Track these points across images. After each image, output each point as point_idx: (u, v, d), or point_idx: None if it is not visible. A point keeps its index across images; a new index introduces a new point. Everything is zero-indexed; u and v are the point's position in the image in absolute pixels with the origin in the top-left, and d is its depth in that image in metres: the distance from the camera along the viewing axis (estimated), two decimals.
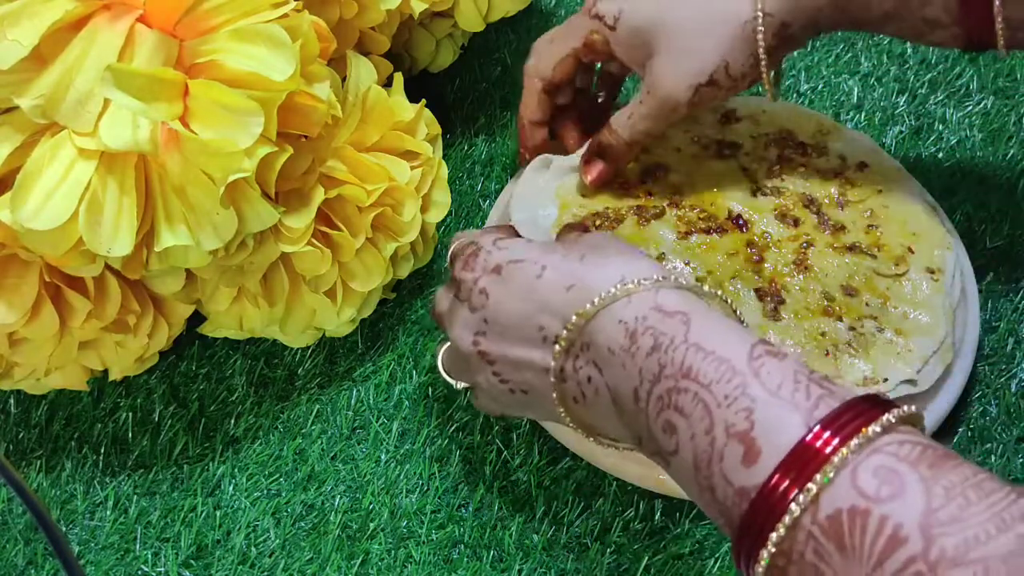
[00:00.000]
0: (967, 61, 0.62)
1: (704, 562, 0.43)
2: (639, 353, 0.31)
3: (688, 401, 0.29)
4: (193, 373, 0.50)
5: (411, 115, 0.46)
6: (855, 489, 0.25)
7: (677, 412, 0.29)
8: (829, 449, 0.26)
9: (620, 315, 0.32)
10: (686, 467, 0.29)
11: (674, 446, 0.29)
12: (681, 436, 0.29)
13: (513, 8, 0.56)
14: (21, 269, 0.40)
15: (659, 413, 0.30)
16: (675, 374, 0.30)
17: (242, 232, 0.38)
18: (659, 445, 0.30)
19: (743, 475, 0.27)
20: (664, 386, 0.30)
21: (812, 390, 0.28)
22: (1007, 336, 0.49)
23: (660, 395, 0.30)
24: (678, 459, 0.30)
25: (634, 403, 0.31)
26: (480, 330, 0.36)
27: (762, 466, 0.27)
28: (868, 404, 0.27)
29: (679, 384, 0.29)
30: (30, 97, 0.34)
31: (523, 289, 0.35)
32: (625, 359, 0.31)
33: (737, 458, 0.27)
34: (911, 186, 0.50)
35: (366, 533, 0.44)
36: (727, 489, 0.28)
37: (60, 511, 0.46)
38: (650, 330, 0.31)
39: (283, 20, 0.37)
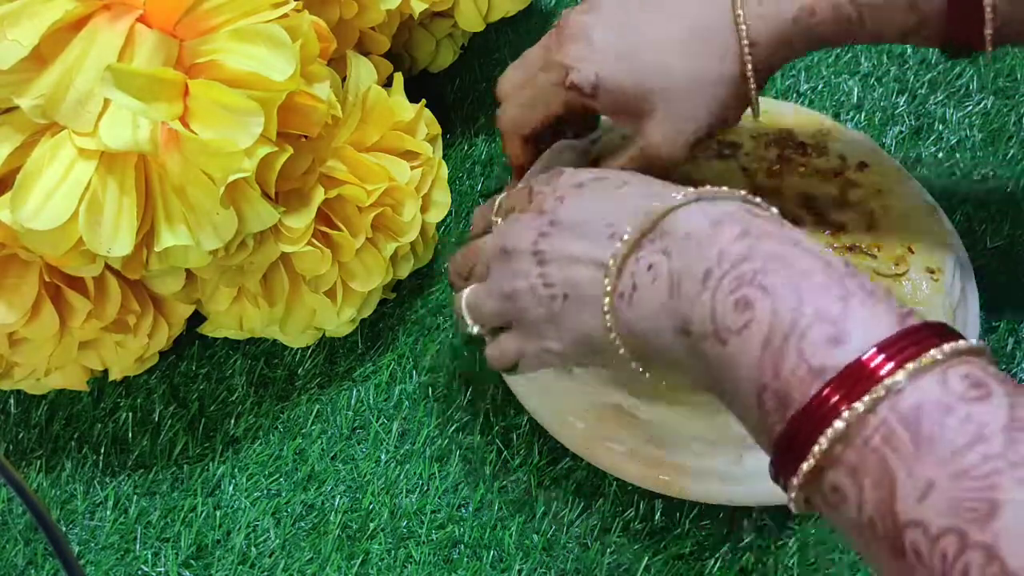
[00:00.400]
0: (967, 61, 0.62)
1: (704, 562, 0.43)
2: (723, 237, 0.29)
3: (777, 282, 0.27)
4: (193, 373, 0.50)
5: (411, 115, 0.46)
6: (942, 385, 0.24)
7: (760, 290, 0.27)
8: (921, 347, 0.25)
9: (706, 209, 0.31)
10: (750, 344, 0.27)
11: (744, 321, 0.27)
12: (758, 311, 0.27)
13: (513, 8, 0.56)
14: (21, 269, 0.40)
15: (735, 290, 0.28)
16: (765, 257, 0.28)
17: (242, 232, 0.38)
18: (721, 323, 0.28)
19: (825, 354, 0.25)
20: (749, 266, 0.28)
21: (904, 306, 0.27)
22: (1007, 336, 0.49)
23: (742, 273, 0.28)
24: (743, 336, 0.27)
25: (702, 283, 0.29)
26: (543, 231, 0.35)
27: (850, 349, 0.25)
28: (955, 331, 0.26)
29: (768, 266, 0.28)
30: (30, 97, 0.34)
31: (604, 195, 0.34)
32: (705, 242, 0.30)
33: (823, 337, 0.26)
34: (911, 186, 0.50)
35: (366, 533, 0.44)
36: (799, 367, 0.26)
37: (60, 511, 0.46)
38: (739, 221, 0.30)
39: (283, 20, 0.37)
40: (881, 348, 0.25)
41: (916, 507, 0.23)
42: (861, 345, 0.25)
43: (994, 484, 0.22)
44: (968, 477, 0.22)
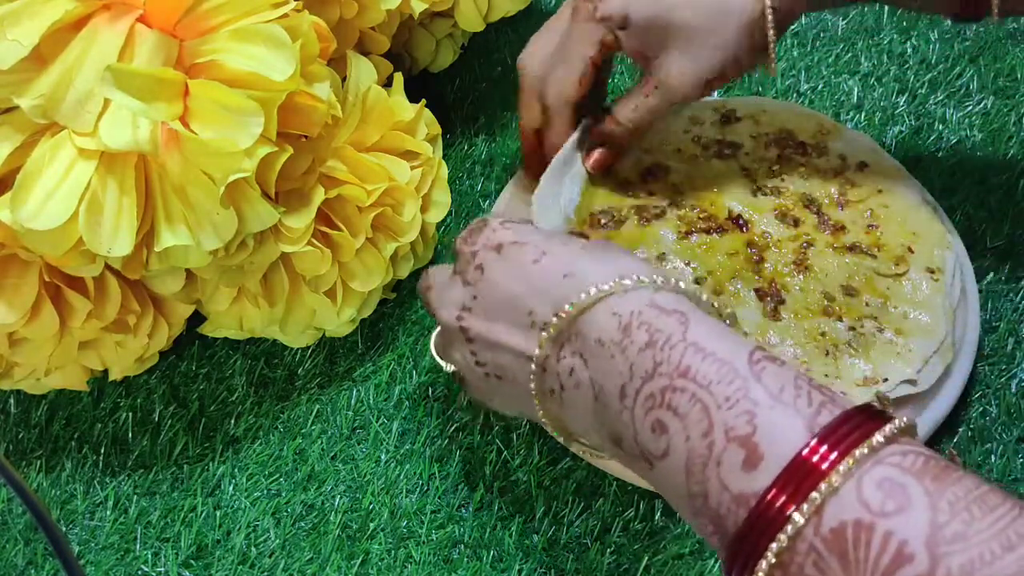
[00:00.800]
0: (967, 61, 0.62)
1: (704, 562, 0.43)
2: (631, 348, 0.30)
3: (684, 401, 0.28)
4: (193, 373, 0.50)
5: (411, 115, 0.46)
6: (860, 502, 0.24)
7: (671, 412, 0.28)
8: (833, 457, 0.25)
9: (615, 307, 0.31)
10: (675, 471, 0.28)
11: (663, 448, 0.28)
12: (673, 438, 0.28)
13: (513, 8, 0.56)
14: (21, 269, 0.40)
15: (648, 412, 0.29)
16: (671, 372, 0.28)
17: (242, 232, 0.38)
18: (644, 447, 0.29)
19: (743, 480, 0.26)
20: (657, 384, 0.29)
21: (814, 396, 0.27)
22: (1007, 336, 0.49)
23: (652, 393, 0.29)
24: (667, 462, 0.28)
25: (619, 400, 0.30)
26: (467, 305, 0.35)
27: (764, 472, 0.26)
28: (868, 414, 0.26)
29: (674, 383, 0.28)
30: (30, 97, 0.34)
31: (519, 270, 0.34)
32: (615, 352, 0.30)
33: (737, 463, 0.26)
34: (911, 186, 0.50)
35: (366, 533, 0.44)
36: (723, 495, 0.26)
37: (60, 511, 0.46)
38: (645, 325, 0.30)
39: (283, 20, 0.37)
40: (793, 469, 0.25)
41: None
42: (773, 469, 0.26)
43: None
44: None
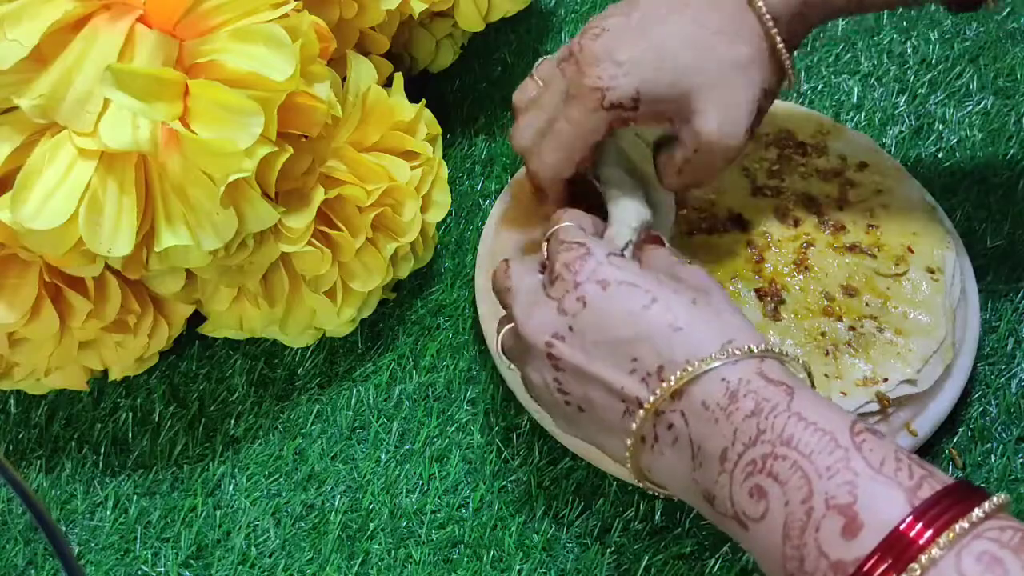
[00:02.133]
0: (967, 61, 0.62)
1: (704, 562, 0.43)
2: (737, 414, 0.30)
3: (786, 468, 0.28)
4: (193, 373, 0.50)
5: (411, 115, 0.46)
6: (958, 573, 0.25)
7: (771, 478, 0.29)
8: (933, 530, 0.25)
9: (724, 374, 0.31)
10: (772, 534, 0.28)
11: (761, 512, 0.29)
12: (772, 503, 0.28)
13: (513, 8, 0.56)
14: (21, 269, 0.40)
15: (748, 477, 0.29)
16: (774, 440, 0.29)
17: (242, 232, 0.38)
18: (741, 509, 0.29)
19: (842, 548, 0.26)
20: (760, 451, 0.29)
21: (914, 470, 0.27)
22: (1007, 336, 0.49)
23: (753, 459, 0.29)
24: (763, 525, 0.29)
25: (719, 463, 0.30)
26: (561, 334, 0.34)
27: (863, 540, 0.26)
28: (968, 489, 0.27)
29: (776, 451, 0.29)
30: (30, 97, 0.34)
31: (627, 314, 0.33)
32: (720, 416, 0.30)
33: (836, 530, 0.27)
34: (911, 186, 0.50)
35: (366, 533, 0.44)
36: (820, 561, 0.27)
37: (60, 511, 0.46)
38: (752, 394, 0.30)
39: (283, 20, 0.37)
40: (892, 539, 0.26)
41: None
42: (875, 535, 0.26)
43: None
44: None
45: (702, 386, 0.31)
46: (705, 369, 0.31)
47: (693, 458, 0.31)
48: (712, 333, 0.32)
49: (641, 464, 0.34)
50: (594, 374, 0.33)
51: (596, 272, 0.34)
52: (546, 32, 0.66)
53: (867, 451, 0.28)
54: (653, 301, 0.33)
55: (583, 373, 0.34)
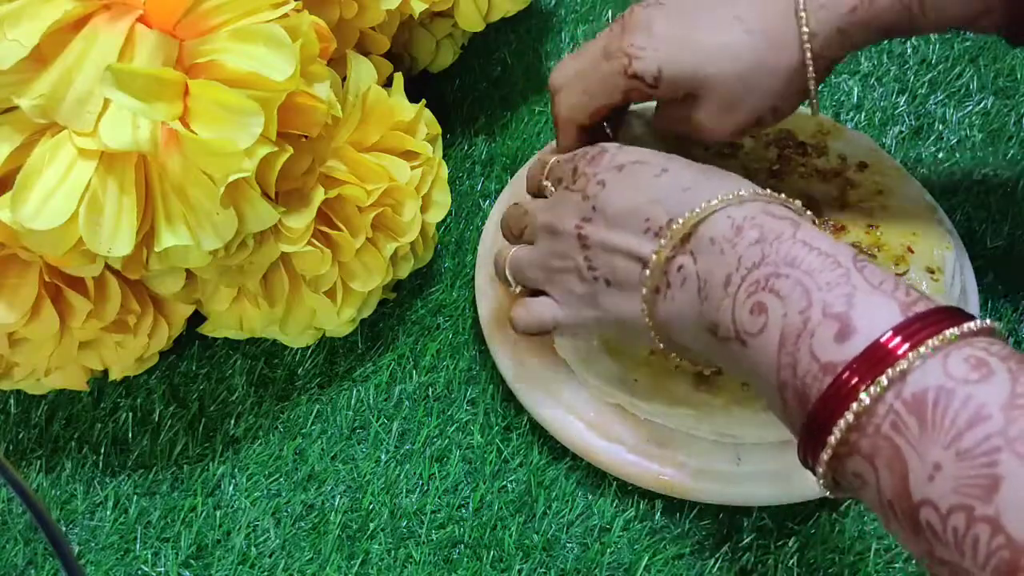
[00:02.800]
0: (967, 61, 0.62)
1: (704, 562, 0.43)
2: (741, 243, 0.32)
3: (786, 284, 0.29)
4: (193, 373, 0.50)
5: (411, 115, 0.46)
6: (944, 372, 0.25)
7: (772, 293, 0.30)
8: (925, 334, 0.26)
9: (730, 213, 0.33)
10: (768, 346, 0.29)
11: (760, 325, 0.30)
12: (771, 315, 0.29)
13: (513, 8, 0.56)
14: (21, 269, 0.40)
15: (750, 296, 0.30)
16: (777, 261, 0.30)
17: (242, 232, 0.38)
18: (741, 327, 0.31)
19: (833, 350, 0.27)
20: (763, 271, 0.30)
21: (911, 292, 0.28)
22: (1007, 336, 0.49)
23: (756, 279, 0.30)
24: (760, 339, 0.30)
25: (723, 288, 0.32)
26: (587, 216, 0.37)
27: (855, 344, 0.27)
28: (961, 312, 0.27)
29: (779, 270, 0.30)
30: (30, 97, 0.34)
31: (641, 184, 0.36)
32: (725, 247, 0.32)
33: (830, 334, 0.28)
34: (911, 186, 0.50)
35: (366, 533, 0.44)
36: (811, 364, 0.28)
37: (60, 511, 0.46)
38: (758, 226, 0.32)
39: (283, 20, 0.37)
40: (883, 340, 0.27)
41: (926, 487, 0.25)
42: (865, 340, 0.27)
43: (994, 460, 0.23)
44: (970, 456, 0.24)
45: (709, 225, 0.33)
46: (711, 210, 0.33)
47: (699, 292, 0.33)
48: (720, 188, 0.34)
49: (658, 318, 0.35)
50: (615, 242, 0.36)
51: (612, 160, 0.38)
52: (546, 32, 0.66)
53: (867, 273, 0.29)
54: (664, 171, 0.36)
55: (606, 245, 0.36)
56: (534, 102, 0.62)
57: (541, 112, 0.61)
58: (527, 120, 0.61)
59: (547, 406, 0.45)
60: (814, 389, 0.28)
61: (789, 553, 0.43)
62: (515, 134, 0.60)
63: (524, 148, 0.59)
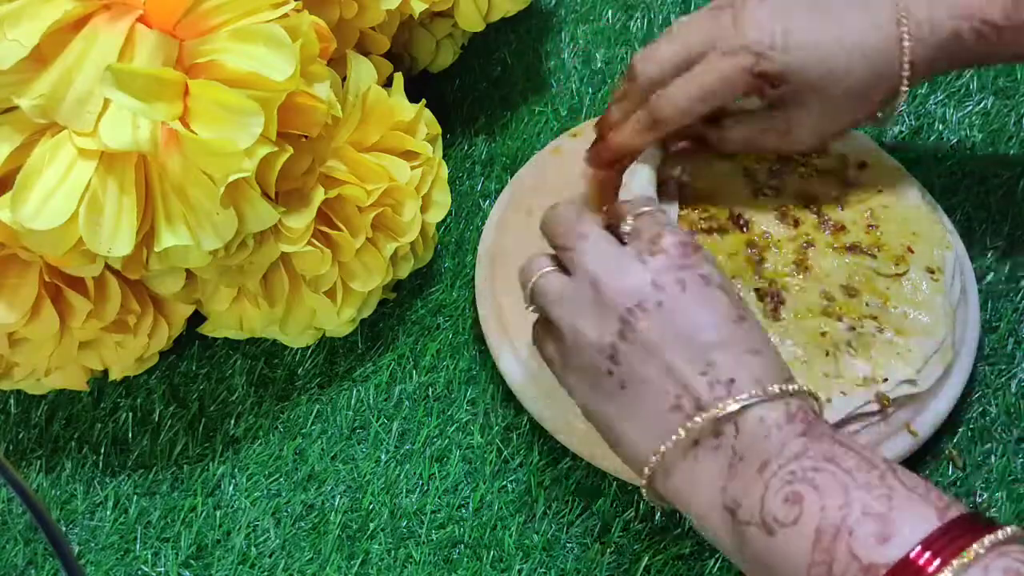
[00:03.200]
0: None
1: (704, 562, 0.43)
2: (790, 432, 0.31)
3: (826, 479, 0.29)
4: (193, 373, 0.50)
5: (411, 115, 0.46)
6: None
7: (810, 486, 0.29)
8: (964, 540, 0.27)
9: (787, 400, 0.32)
10: (802, 540, 0.29)
11: (794, 516, 0.29)
12: (807, 507, 0.29)
13: (513, 8, 0.56)
14: (21, 269, 0.40)
15: (786, 484, 0.30)
16: (818, 456, 0.30)
17: (242, 232, 0.38)
18: (770, 515, 0.30)
19: (875, 552, 0.27)
20: (802, 464, 0.30)
21: (944, 496, 0.29)
22: (1007, 336, 0.49)
23: (795, 470, 0.30)
24: (792, 531, 0.29)
25: (758, 472, 0.31)
26: (646, 306, 0.33)
27: (897, 546, 0.27)
28: (989, 519, 0.28)
29: (819, 465, 0.30)
30: (30, 97, 0.34)
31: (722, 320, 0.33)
32: (772, 431, 0.31)
33: (871, 534, 0.28)
34: (911, 186, 0.50)
35: (366, 533, 0.44)
36: (851, 564, 0.27)
37: (60, 511, 0.46)
38: (806, 422, 0.32)
39: (283, 20, 0.37)
40: (926, 545, 0.27)
41: None
42: (908, 542, 0.27)
43: None
44: None
45: (766, 406, 0.32)
46: (773, 395, 0.32)
47: (730, 467, 0.32)
48: (778, 367, 0.33)
49: (667, 467, 0.33)
50: (667, 360, 0.32)
51: (700, 265, 0.34)
52: (546, 32, 0.66)
53: (902, 475, 0.29)
54: (742, 319, 0.33)
55: (653, 353, 0.33)
56: (534, 102, 0.62)
57: (541, 112, 0.61)
58: (527, 120, 0.61)
59: (547, 407, 0.45)
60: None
61: None
62: (515, 134, 0.60)
63: (524, 148, 0.59)
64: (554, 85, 0.62)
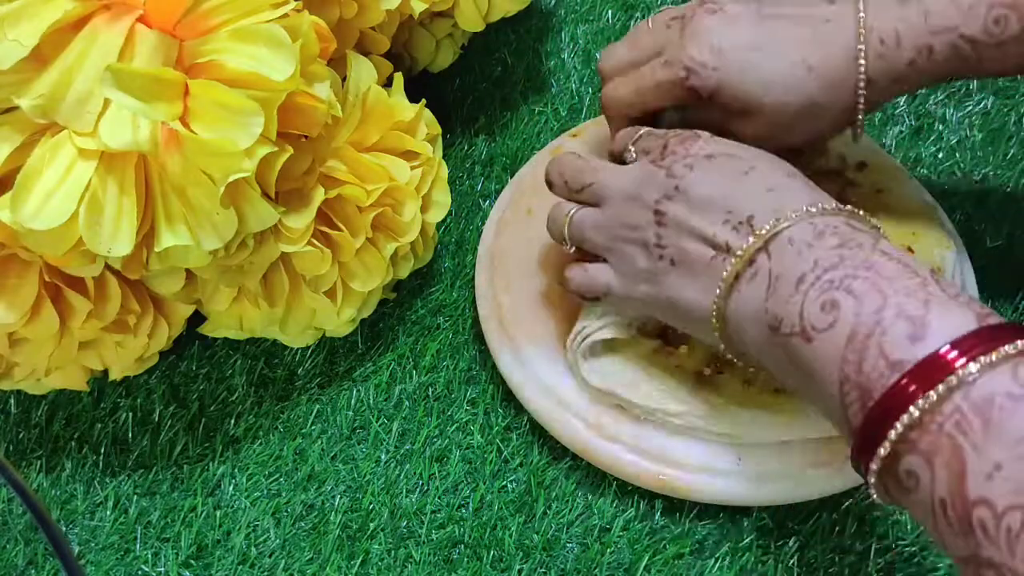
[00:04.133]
0: None
1: (704, 562, 0.43)
2: (821, 246, 0.32)
3: (863, 286, 0.30)
4: (193, 373, 0.50)
5: (411, 115, 0.46)
6: (1015, 380, 0.26)
7: (846, 292, 0.30)
8: (999, 341, 0.27)
9: (813, 219, 0.33)
10: (836, 340, 0.29)
11: (829, 321, 0.30)
12: (843, 312, 0.30)
13: (513, 8, 0.56)
14: (21, 269, 0.40)
15: (823, 293, 0.31)
16: (856, 265, 0.31)
17: (242, 232, 0.38)
18: (808, 322, 0.31)
19: (905, 349, 0.28)
20: (840, 272, 0.31)
21: (985, 307, 0.29)
22: None
23: (831, 279, 0.31)
24: (827, 334, 0.30)
25: (795, 286, 0.32)
26: (668, 194, 0.37)
27: (927, 346, 0.27)
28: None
29: (857, 272, 0.30)
30: (30, 97, 0.34)
31: (728, 176, 0.36)
32: (803, 249, 0.32)
33: (903, 334, 0.28)
34: (911, 186, 0.50)
35: (366, 533, 0.44)
36: (879, 361, 0.28)
37: (60, 511, 0.46)
38: (839, 234, 0.32)
39: (283, 20, 0.37)
40: (956, 344, 0.27)
41: (984, 486, 0.25)
42: (938, 341, 0.27)
43: None
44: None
45: (790, 228, 0.33)
46: (795, 218, 0.33)
47: (768, 288, 0.33)
48: (802, 195, 0.35)
49: (720, 305, 0.35)
50: (692, 225, 0.36)
51: (704, 148, 0.38)
52: (546, 32, 0.66)
53: (944, 285, 0.29)
54: (752, 168, 0.36)
55: (683, 226, 0.36)
56: (534, 102, 0.62)
57: (541, 112, 0.61)
58: (527, 120, 0.61)
59: (547, 406, 0.45)
60: (879, 385, 0.28)
61: (789, 553, 0.43)
62: (515, 134, 0.60)
63: (524, 148, 0.59)
64: (554, 85, 0.62)
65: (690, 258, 0.36)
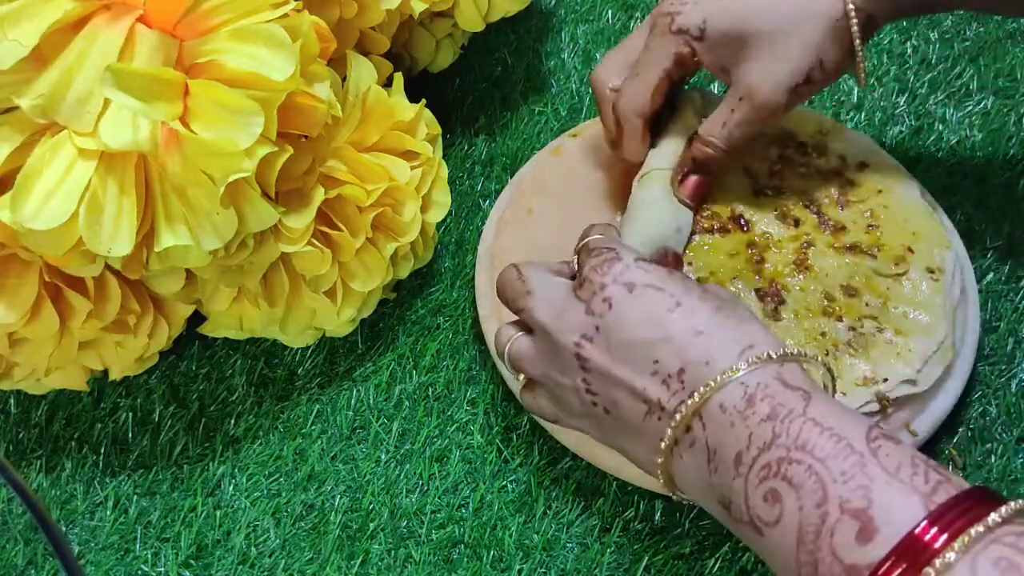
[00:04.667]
0: (967, 61, 0.62)
1: (704, 562, 0.43)
2: (753, 418, 0.30)
3: (800, 473, 0.28)
4: (193, 373, 0.50)
5: (411, 115, 0.46)
6: None
7: (785, 482, 0.29)
8: (948, 534, 0.25)
9: (743, 379, 0.31)
10: (786, 539, 0.29)
11: (776, 516, 0.29)
12: (787, 507, 0.29)
13: (513, 8, 0.56)
14: (21, 269, 0.40)
15: (763, 481, 0.29)
16: (789, 444, 0.29)
17: (242, 232, 0.38)
18: (756, 514, 0.30)
19: (856, 553, 0.26)
20: (774, 455, 0.29)
21: (931, 475, 0.27)
22: (1007, 336, 0.49)
23: (768, 463, 0.29)
24: (777, 530, 0.29)
25: (734, 467, 0.30)
26: (589, 335, 0.35)
27: (878, 545, 0.26)
28: (984, 494, 0.27)
29: (791, 455, 0.29)
30: (30, 97, 0.34)
31: (652, 316, 0.34)
32: (736, 420, 0.31)
33: (851, 535, 0.27)
34: (911, 186, 0.50)
35: (366, 533, 0.44)
36: (834, 566, 0.27)
37: (60, 511, 0.46)
38: (769, 398, 0.31)
39: (283, 20, 0.37)
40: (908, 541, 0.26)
41: None
42: (888, 541, 0.26)
43: None
44: None
45: (721, 392, 0.31)
46: (728, 380, 0.31)
47: (709, 462, 0.32)
48: (732, 338, 0.32)
49: (669, 471, 0.34)
50: (617, 376, 0.34)
51: (623, 275, 0.35)
52: (546, 32, 0.66)
53: (883, 456, 0.28)
54: (677, 305, 0.34)
55: (608, 374, 0.34)
56: (534, 102, 0.62)
57: (541, 112, 0.61)
58: (527, 120, 0.61)
59: None
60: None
61: None
62: (515, 134, 0.60)
63: (524, 148, 0.59)
64: (554, 85, 0.62)
65: (623, 412, 0.34)
